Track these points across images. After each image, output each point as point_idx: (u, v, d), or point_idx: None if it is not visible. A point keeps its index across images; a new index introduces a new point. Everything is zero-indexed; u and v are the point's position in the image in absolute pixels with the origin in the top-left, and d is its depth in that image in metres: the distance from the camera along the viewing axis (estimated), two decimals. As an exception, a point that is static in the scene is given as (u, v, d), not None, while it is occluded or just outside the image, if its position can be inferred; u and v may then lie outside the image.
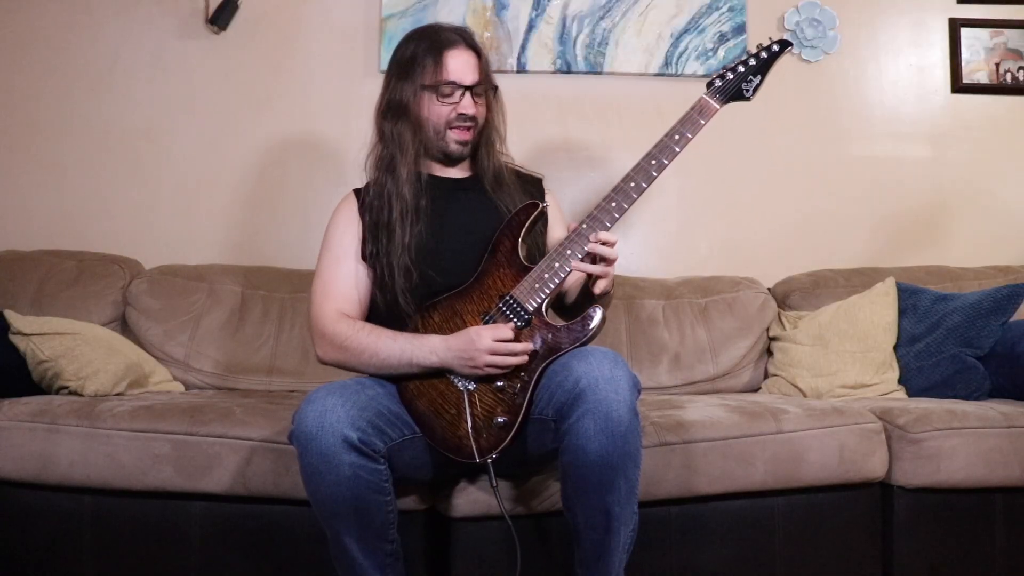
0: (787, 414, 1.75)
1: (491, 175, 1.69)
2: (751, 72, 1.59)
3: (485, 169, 1.69)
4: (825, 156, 2.63)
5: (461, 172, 1.73)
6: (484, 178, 1.69)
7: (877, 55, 2.65)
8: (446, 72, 1.61)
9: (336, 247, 1.65)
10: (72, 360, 1.84)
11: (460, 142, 1.66)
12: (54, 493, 1.66)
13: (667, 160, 1.53)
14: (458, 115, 1.63)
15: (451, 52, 1.63)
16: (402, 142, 1.63)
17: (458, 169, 1.73)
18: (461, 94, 1.62)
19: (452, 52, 1.63)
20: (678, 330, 2.29)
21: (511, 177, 1.72)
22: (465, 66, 1.63)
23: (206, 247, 2.50)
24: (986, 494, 1.76)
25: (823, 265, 2.48)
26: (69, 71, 2.52)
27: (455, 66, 1.62)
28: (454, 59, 1.62)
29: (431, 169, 1.70)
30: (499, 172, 1.70)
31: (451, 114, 1.63)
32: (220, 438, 1.64)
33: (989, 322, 2.06)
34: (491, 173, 1.69)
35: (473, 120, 1.65)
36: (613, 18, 2.56)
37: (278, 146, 2.54)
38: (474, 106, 1.64)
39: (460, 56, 1.63)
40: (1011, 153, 2.65)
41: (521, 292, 1.50)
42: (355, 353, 1.54)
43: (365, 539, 1.39)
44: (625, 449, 1.32)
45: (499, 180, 1.69)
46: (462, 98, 1.63)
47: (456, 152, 1.67)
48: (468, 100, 1.63)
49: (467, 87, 1.62)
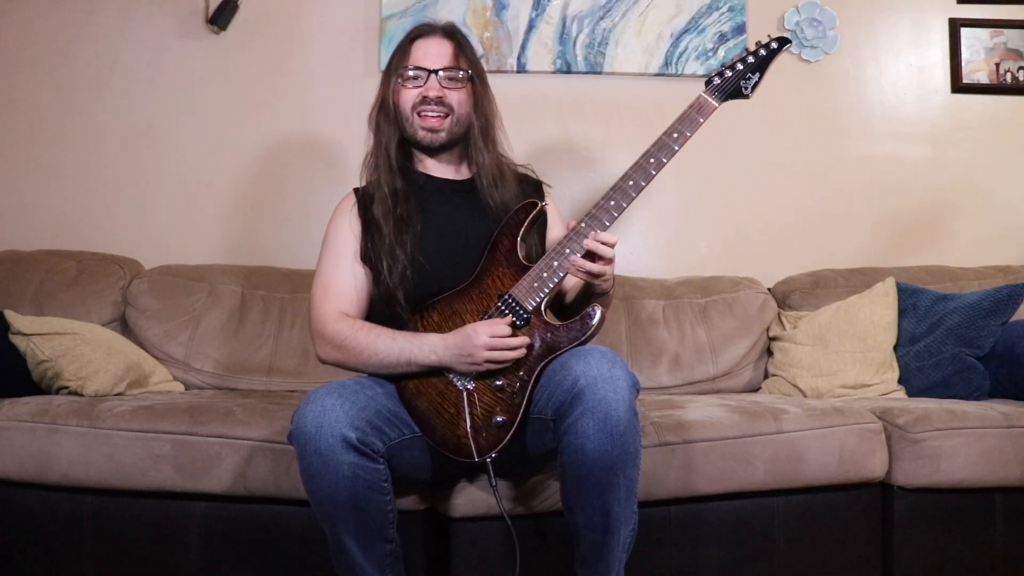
0: (787, 414, 1.75)
1: (490, 176, 1.67)
2: (750, 70, 1.58)
3: (483, 169, 1.67)
4: (825, 156, 2.63)
5: (459, 174, 1.72)
6: (483, 179, 1.67)
7: (877, 55, 2.65)
8: (410, 57, 1.64)
9: (336, 247, 1.65)
10: (72, 360, 1.85)
11: (426, 128, 1.64)
12: (54, 493, 1.66)
13: (666, 158, 1.52)
14: (422, 98, 1.63)
15: (420, 41, 1.65)
16: (384, 133, 1.65)
17: (455, 171, 1.72)
18: (426, 77, 1.63)
19: (421, 41, 1.65)
20: (678, 330, 2.29)
21: (512, 179, 1.70)
22: (433, 52, 1.64)
23: (206, 247, 2.50)
24: (986, 494, 1.76)
25: (823, 265, 2.48)
26: (69, 71, 2.52)
27: (420, 52, 1.64)
28: (420, 46, 1.65)
29: (428, 168, 1.70)
30: (499, 173, 1.68)
31: (416, 97, 1.63)
32: (220, 438, 1.64)
33: (989, 322, 2.06)
34: (490, 174, 1.67)
35: (441, 105, 1.63)
36: (613, 18, 2.56)
37: (278, 146, 2.54)
38: (440, 90, 1.63)
39: (430, 44, 1.65)
40: (1011, 153, 2.65)
41: (520, 291, 1.50)
42: (354, 352, 1.54)
43: (365, 539, 1.39)
44: (624, 448, 1.32)
45: (498, 181, 1.67)
46: (427, 82, 1.63)
47: (425, 140, 1.65)
48: (433, 83, 1.63)
49: (432, 70, 1.63)
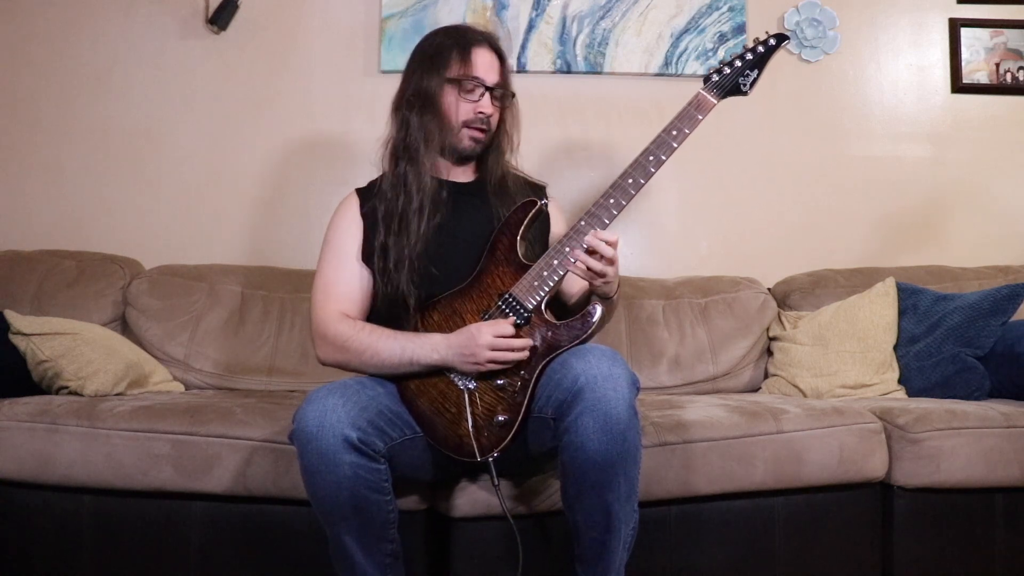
0: (787, 414, 1.75)
1: (495, 181, 1.68)
2: (748, 67, 1.59)
3: (491, 174, 1.69)
4: (825, 156, 2.63)
5: (465, 176, 1.72)
6: (488, 184, 1.68)
7: (877, 55, 2.65)
8: (472, 67, 1.62)
9: (337, 248, 1.65)
10: (72, 360, 1.84)
11: (474, 140, 1.65)
12: (54, 493, 1.66)
13: (664, 156, 1.53)
14: (476, 114, 1.63)
15: (478, 50, 1.64)
16: (427, 132, 1.62)
17: (463, 173, 1.72)
18: (482, 93, 1.63)
19: (479, 50, 1.64)
20: (678, 330, 2.29)
21: (515, 184, 1.71)
22: (489, 66, 1.64)
23: (206, 247, 2.50)
24: (986, 494, 1.76)
25: (823, 265, 2.48)
26: (69, 71, 2.52)
27: (481, 63, 1.63)
28: (480, 56, 1.63)
29: (436, 171, 1.69)
30: (504, 179, 1.69)
31: (471, 112, 1.63)
32: (220, 438, 1.64)
33: (989, 322, 2.06)
34: (496, 179, 1.68)
35: (488, 122, 1.65)
36: (613, 18, 2.56)
37: (278, 146, 2.54)
38: (494, 109, 1.65)
39: (486, 55, 1.64)
40: (1011, 153, 2.65)
41: (520, 290, 1.50)
42: (356, 353, 1.54)
43: (365, 539, 1.39)
44: (624, 446, 1.32)
45: (503, 186, 1.68)
46: (482, 97, 1.63)
47: (468, 150, 1.66)
48: (487, 100, 1.64)
49: (488, 87, 1.63)
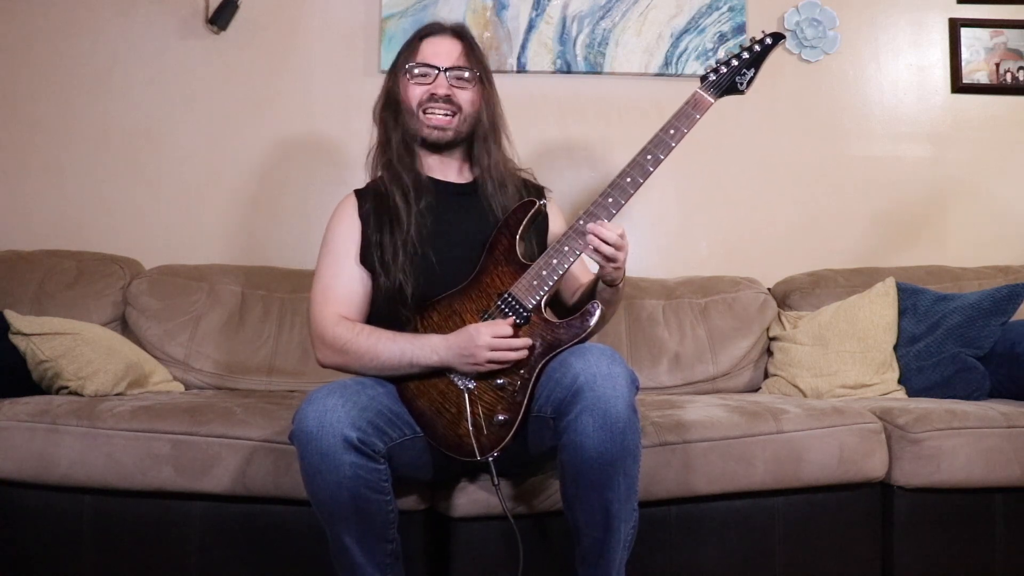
0: (787, 414, 1.75)
1: (492, 180, 1.67)
2: (744, 65, 1.60)
3: (486, 172, 1.67)
4: (825, 156, 2.63)
5: (461, 176, 1.72)
6: (485, 184, 1.67)
7: (877, 55, 2.65)
8: (419, 54, 1.65)
9: (336, 249, 1.65)
10: (72, 360, 1.84)
11: (433, 126, 1.64)
12: (54, 493, 1.66)
13: (662, 155, 1.53)
14: (430, 95, 1.63)
15: (430, 38, 1.67)
16: (389, 129, 1.66)
17: (458, 173, 1.72)
18: (435, 76, 1.63)
19: (431, 39, 1.67)
20: (678, 330, 2.29)
21: (514, 184, 1.69)
22: (443, 50, 1.65)
23: (206, 247, 2.50)
24: (986, 494, 1.76)
25: (823, 265, 2.48)
26: (69, 71, 2.52)
27: (430, 49, 1.65)
28: (430, 44, 1.66)
29: (430, 170, 1.69)
30: (501, 177, 1.68)
31: (424, 95, 1.63)
32: (220, 438, 1.64)
33: (989, 322, 2.06)
34: (493, 178, 1.67)
35: (449, 103, 1.64)
36: (613, 18, 2.56)
37: (278, 146, 2.54)
38: (449, 88, 1.63)
39: (440, 42, 1.66)
40: (1011, 153, 2.65)
41: (519, 290, 1.50)
42: (356, 356, 1.53)
43: (365, 539, 1.39)
44: (624, 445, 1.32)
45: (500, 186, 1.67)
46: (435, 79, 1.63)
47: (431, 137, 1.65)
48: (442, 80, 1.63)
49: (441, 69, 1.63)
